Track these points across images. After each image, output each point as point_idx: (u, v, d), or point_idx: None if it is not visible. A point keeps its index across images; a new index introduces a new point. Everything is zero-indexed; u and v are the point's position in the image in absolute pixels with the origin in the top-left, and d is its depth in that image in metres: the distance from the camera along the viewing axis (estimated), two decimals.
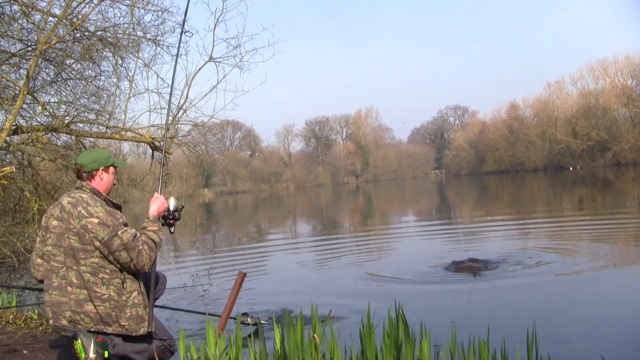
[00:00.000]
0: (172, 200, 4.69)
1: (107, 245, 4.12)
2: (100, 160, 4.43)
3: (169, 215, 4.66)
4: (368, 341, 4.38)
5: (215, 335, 4.88)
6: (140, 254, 4.17)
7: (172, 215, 4.67)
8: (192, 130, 11.67)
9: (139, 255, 4.16)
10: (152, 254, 4.26)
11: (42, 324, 6.49)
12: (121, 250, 4.13)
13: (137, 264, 4.18)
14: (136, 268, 4.20)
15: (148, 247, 4.23)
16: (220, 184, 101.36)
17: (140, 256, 4.17)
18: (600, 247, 11.59)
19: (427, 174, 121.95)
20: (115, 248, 4.12)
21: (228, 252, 16.39)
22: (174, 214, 4.68)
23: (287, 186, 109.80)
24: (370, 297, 8.12)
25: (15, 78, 9.92)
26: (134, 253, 4.14)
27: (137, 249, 4.15)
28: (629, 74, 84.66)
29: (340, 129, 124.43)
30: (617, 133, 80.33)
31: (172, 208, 4.67)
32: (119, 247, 4.12)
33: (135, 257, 4.15)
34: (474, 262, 9.95)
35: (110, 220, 4.17)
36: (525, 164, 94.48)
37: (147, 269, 4.28)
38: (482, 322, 5.75)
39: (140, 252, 4.17)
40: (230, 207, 55.88)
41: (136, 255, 4.15)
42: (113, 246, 4.12)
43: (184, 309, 7.36)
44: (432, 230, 18.58)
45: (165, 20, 10.16)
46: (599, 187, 37.36)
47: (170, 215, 4.67)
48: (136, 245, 4.16)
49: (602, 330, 6.02)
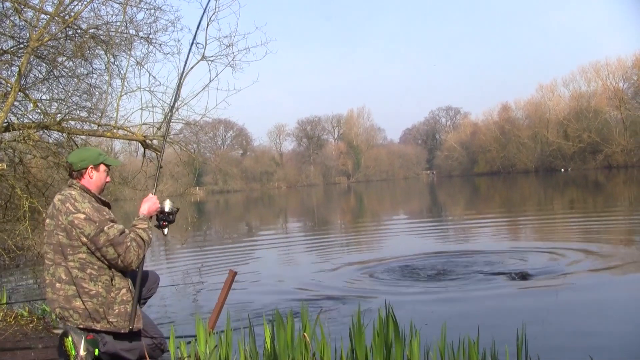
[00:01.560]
0: (167, 202, 4.68)
1: (94, 241, 4.13)
2: (89, 159, 4.43)
3: (163, 217, 4.65)
4: (358, 340, 4.39)
5: (206, 334, 4.89)
6: (127, 250, 4.17)
7: (166, 217, 4.66)
8: (184, 129, 11.66)
9: (126, 251, 4.16)
10: (140, 251, 4.26)
11: (32, 321, 6.49)
12: (108, 246, 4.13)
13: (124, 261, 4.18)
14: (123, 264, 4.20)
15: (136, 245, 4.23)
16: (212, 182, 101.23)
17: (127, 252, 4.17)
18: (589, 246, 11.61)
19: (419, 174, 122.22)
20: (102, 244, 4.13)
21: (219, 250, 16.39)
22: (169, 216, 4.66)
23: (278, 186, 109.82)
24: (361, 296, 8.15)
25: (7, 75, 9.91)
26: (121, 249, 4.15)
27: (124, 245, 4.16)
28: (620, 76, 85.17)
29: (332, 129, 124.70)
30: (609, 135, 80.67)
31: (167, 210, 4.65)
32: (105, 242, 4.13)
33: (123, 253, 4.16)
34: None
35: (97, 216, 4.17)
36: (516, 166, 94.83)
37: (135, 266, 4.28)
38: (472, 322, 5.78)
39: (127, 248, 4.17)
40: (222, 206, 55.84)
41: (123, 251, 4.16)
42: (100, 242, 4.13)
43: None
44: (423, 228, 18.60)
45: (158, 18, 10.15)
46: (591, 189, 37.49)
47: (164, 217, 4.65)
48: (124, 241, 4.16)
49: (595, 332, 6.04)
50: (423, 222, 22.38)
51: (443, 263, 10.63)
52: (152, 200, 4.62)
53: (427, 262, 10.85)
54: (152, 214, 4.60)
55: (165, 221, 4.66)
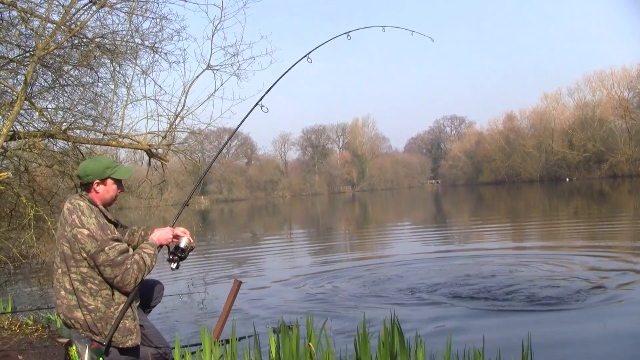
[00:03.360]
0: (184, 239, 4.65)
1: (93, 258, 4.12)
2: (94, 174, 4.38)
3: (176, 252, 4.63)
4: (363, 350, 4.38)
5: (211, 343, 4.87)
6: (126, 272, 4.15)
7: (179, 253, 4.63)
8: (189, 138, 11.67)
9: (124, 273, 4.14)
10: (139, 275, 4.23)
11: (37, 329, 6.49)
12: (106, 266, 4.11)
13: (120, 282, 4.16)
14: (119, 285, 4.18)
15: (137, 268, 4.21)
16: (216, 191, 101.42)
17: (126, 274, 4.15)
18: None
19: (423, 183, 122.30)
20: (101, 263, 4.11)
21: (224, 260, 16.37)
22: (182, 253, 4.65)
23: (283, 194, 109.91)
24: (366, 306, 8.13)
25: (12, 84, 9.94)
26: (119, 270, 4.13)
27: (124, 267, 4.14)
28: (625, 85, 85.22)
29: (336, 138, 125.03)
30: (614, 145, 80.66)
31: (182, 246, 4.63)
32: (104, 262, 4.11)
33: (120, 274, 4.13)
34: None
35: (100, 235, 4.14)
36: (521, 175, 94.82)
37: (130, 289, 4.23)
38: (477, 333, 5.75)
39: (127, 270, 4.15)
40: (226, 214, 55.83)
41: (121, 272, 4.13)
42: (99, 260, 4.11)
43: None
44: (431, 236, 18.58)
45: (164, 27, 10.20)
46: (600, 198, 37.38)
47: (177, 253, 4.63)
48: (124, 262, 4.14)
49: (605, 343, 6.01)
50: (431, 230, 22.34)
51: (447, 268, 10.61)
52: (166, 231, 4.60)
53: (434, 269, 10.83)
54: (163, 244, 4.58)
55: (176, 256, 4.64)
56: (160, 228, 4.65)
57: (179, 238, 4.65)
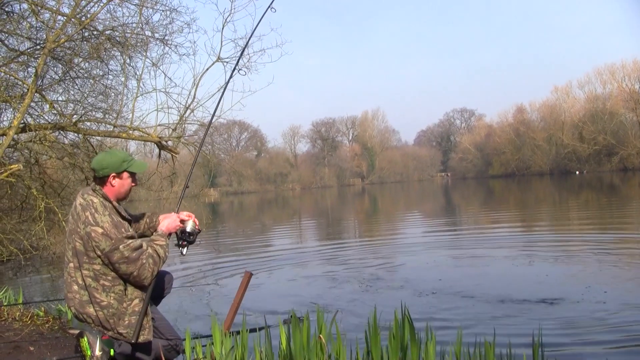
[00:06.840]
0: (190, 222, 4.66)
1: (108, 257, 4.10)
2: (111, 167, 4.33)
3: (184, 236, 4.64)
4: (374, 342, 4.37)
5: (222, 335, 4.87)
6: (142, 267, 4.15)
7: (187, 238, 4.64)
8: (199, 130, 11.68)
9: (141, 268, 4.14)
10: (155, 268, 4.24)
11: (48, 320, 6.50)
12: (121, 263, 4.10)
13: (137, 277, 4.15)
14: (135, 280, 4.18)
15: (152, 261, 4.21)
16: (226, 184, 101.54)
17: (142, 269, 4.15)
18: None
19: (433, 176, 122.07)
20: (115, 260, 4.10)
21: (234, 251, 16.38)
22: (190, 236, 4.66)
23: (292, 187, 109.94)
24: (377, 298, 8.13)
25: (23, 76, 9.98)
26: (134, 266, 4.12)
27: (139, 262, 4.13)
28: (636, 78, 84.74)
29: (346, 130, 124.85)
30: (624, 138, 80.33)
31: (188, 230, 4.64)
32: (119, 259, 4.09)
33: (137, 270, 4.13)
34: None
35: (114, 233, 4.11)
36: (531, 168, 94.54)
37: (148, 282, 4.24)
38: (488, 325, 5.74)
39: (143, 265, 4.15)
40: (236, 207, 55.89)
41: (137, 268, 4.13)
42: (113, 258, 4.09)
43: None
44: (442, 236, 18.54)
45: (174, 20, 10.23)
46: (606, 192, 37.21)
47: (185, 237, 4.64)
48: (139, 258, 4.14)
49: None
50: (442, 223, 22.31)
51: (459, 263, 10.59)
52: (173, 218, 4.61)
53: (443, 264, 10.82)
54: (172, 232, 4.58)
55: (185, 241, 4.65)
56: (165, 215, 4.65)
57: (184, 222, 4.66)
